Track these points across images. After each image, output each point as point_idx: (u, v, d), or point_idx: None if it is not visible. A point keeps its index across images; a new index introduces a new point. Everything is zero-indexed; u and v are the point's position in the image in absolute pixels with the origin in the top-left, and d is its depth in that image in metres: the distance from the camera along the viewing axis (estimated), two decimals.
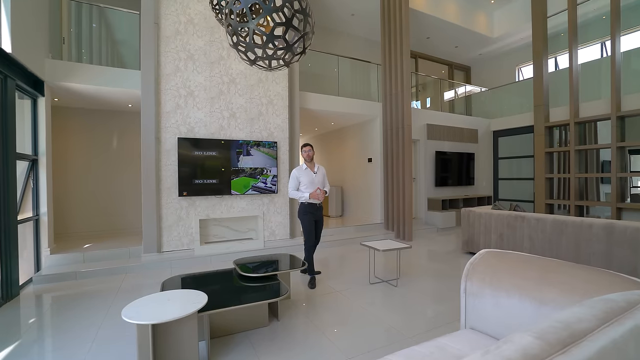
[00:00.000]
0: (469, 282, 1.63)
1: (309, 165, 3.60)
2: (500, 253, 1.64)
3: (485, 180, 8.59)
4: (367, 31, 7.99)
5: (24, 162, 3.89)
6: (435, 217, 6.99)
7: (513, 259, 1.56)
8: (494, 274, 1.53)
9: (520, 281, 1.40)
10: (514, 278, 1.43)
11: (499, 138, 8.55)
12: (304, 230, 3.55)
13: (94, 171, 5.59)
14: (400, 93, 5.99)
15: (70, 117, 5.42)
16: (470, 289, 1.62)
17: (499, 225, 4.32)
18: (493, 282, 1.51)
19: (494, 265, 1.57)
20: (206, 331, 2.00)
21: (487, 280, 1.54)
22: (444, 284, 3.58)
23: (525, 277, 1.39)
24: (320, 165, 3.71)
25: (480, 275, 1.58)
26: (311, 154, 3.58)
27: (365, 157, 7.20)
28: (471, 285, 1.62)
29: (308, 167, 3.59)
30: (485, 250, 1.69)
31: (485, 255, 1.66)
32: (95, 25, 5.20)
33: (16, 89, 3.66)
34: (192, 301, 1.85)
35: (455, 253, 4.95)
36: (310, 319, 2.70)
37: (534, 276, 1.37)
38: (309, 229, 3.52)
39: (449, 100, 9.34)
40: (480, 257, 1.66)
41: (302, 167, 3.59)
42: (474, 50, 9.53)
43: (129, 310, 1.72)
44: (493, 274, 1.53)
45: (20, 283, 3.59)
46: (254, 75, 4.99)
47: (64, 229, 5.30)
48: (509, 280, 1.45)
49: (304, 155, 3.57)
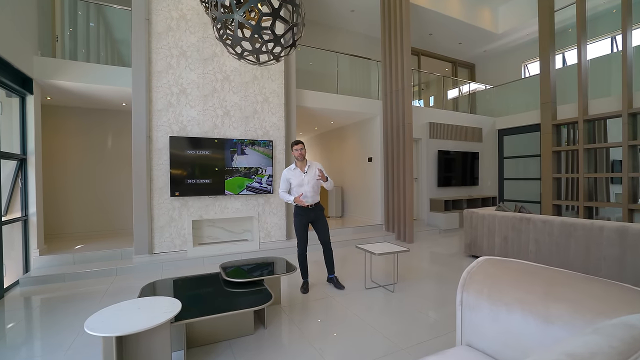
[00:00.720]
0: (465, 293, 1.46)
1: (300, 164, 3.36)
2: (500, 261, 1.47)
3: (490, 180, 8.36)
4: (367, 28, 7.81)
5: (13, 161, 3.81)
6: (437, 218, 6.79)
7: (515, 268, 1.39)
8: (494, 285, 1.36)
9: (523, 295, 1.22)
10: (516, 291, 1.26)
11: (505, 137, 8.32)
12: (295, 233, 3.38)
13: (89, 171, 5.51)
14: (401, 90, 5.80)
15: (64, 116, 5.34)
16: (467, 300, 1.45)
17: (503, 227, 4.12)
18: (492, 294, 1.34)
19: (494, 275, 1.39)
20: (183, 341, 1.85)
21: (486, 292, 1.37)
22: (444, 289, 3.40)
23: (529, 291, 1.22)
24: (314, 162, 3.41)
25: (478, 286, 1.41)
26: (303, 152, 3.33)
27: (366, 157, 7.03)
28: (468, 297, 1.45)
29: (298, 167, 3.34)
30: (484, 258, 1.52)
31: (484, 263, 1.49)
32: (93, 25, 5.11)
33: (3, 87, 3.57)
34: (164, 310, 1.71)
35: (458, 256, 4.75)
36: (299, 326, 2.54)
37: (539, 290, 1.20)
38: (299, 232, 3.33)
39: (453, 98, 9.13)
40: (478, 266, 1.49)
41: (291, 167, 3.36)
42: (478, 47, 9.30)
43: (94, 320, 1.58)
44: (492, 285, 1.36)
45: (8, 285, 3.51)
46: (248, 72, 4.85)
47: (58, 229, 5.22)
48: (511, 293, 1.28)
49: (296, 154, 3.31)
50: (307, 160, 3.39)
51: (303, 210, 3.32)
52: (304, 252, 3.38)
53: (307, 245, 3.39)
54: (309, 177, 3.30)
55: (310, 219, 3.35)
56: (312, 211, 3.34)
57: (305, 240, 3.36)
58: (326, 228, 3.40)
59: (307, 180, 3.30)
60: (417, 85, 8.59)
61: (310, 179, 3.30)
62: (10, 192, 3.80)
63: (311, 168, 3.35)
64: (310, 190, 3.29)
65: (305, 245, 3.38)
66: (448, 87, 9.34)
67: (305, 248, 3.38)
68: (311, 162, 3.39)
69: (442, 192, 7.35)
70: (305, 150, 3.35)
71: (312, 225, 3.39)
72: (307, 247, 3.39)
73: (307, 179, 3.30)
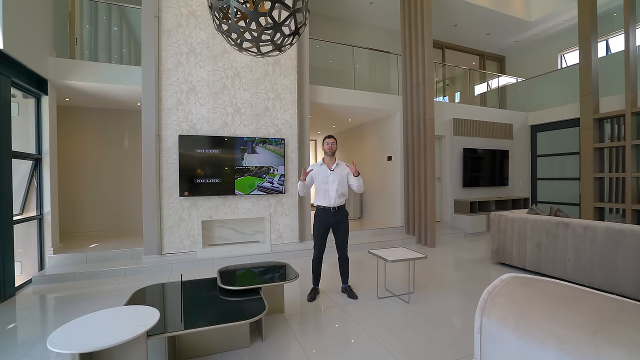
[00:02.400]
0: (485, 319, 1.18)
1: (328, 161, 3.06)
2: (531, 281, 1.17)
3: (522, 181, 7.73)
4: (387, 20, 7.45)
5: (28, 161, 3.88)
6: (462, 220, 6.33)
7: (551, 291, 1.09)
8: (522, 313, 1.06)
9: (562, 330, 0.93)
10: (552, 324, 0.96)
11: (538, 133, 7.65)
12: (313, 235, 3.15)
13: (105, 171, 5.59)
14: (422, 84, 5.44)
15: (82, 116, 5.45)
16: (488, 329, 1.16)
17: (536, 232, 3.68)
18: (520, 325, 1.05)
19: (522, 300, 1.10)
20: (165, 355, 1.69)
21: (512, 321, 1.08)
22: (466, 302, 3.06)
23: (570, 325, 0.92)
24: (342, 163, 3.11)
25: (502, 312, 1.12)
26: (334, 148, 3.03)
27: (385, 155, 6.70)
28: (489, 324, 1.16)
29: (325, 164, 3.06)
30: (510, 276, 1.22)
31: (510, 282, 1.19)
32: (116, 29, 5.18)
33: (18, 88, 3.63)
34: (140, 322, 1.55)
35: (483, 262, 4.34)
36: (300, 340, 2.32)
37: (585, 325, 0.90)
38: (316, 235, 3.07)
39: (481, 94, 8.57)
40: (502, 285, 1.20)
41: (318, 163, 3.10)
42: (508, 37, 8.65)
43: (60, 333, 1.45)
44: (520, 313, 1.07)
45: (21, 283, 3.56)
46: (260, 68, 4.70)
47: (74, 228, 5.32)
48: (544, 325, 0.98)
49: (326, 147, 3.03)
50: (336, 159, 3.12)
51: (324, 213, 3.03)
52: (318, 257, 3.13)
53: (323, 251, 3.13)
54: (335, 176, 3.02)
55: (330, 223, 3.05)
56: (334, 215, 3.03)
57: (322, 246, 3.10)
58: (345, 237, 3.11)
59: (332, 178, 3.01)
60: (442, 81, 8.13)
61: (336, 178, 3.02)
62: (26, 192, 3.88)
63: (339, 167, 3.07)
64: (334, 190, 3.01)
65: (321, 251, 3.11)
66: (475, 82, 8.79)
67: (321, 253, 3.12)
68: (340, 162, 3.11)
69: (467, 192, 6.86)
70: (336, 146, 3.07)
71: (332, 231, 3.11)
72: (323, 253, 3.13)
73: (333, 178, 3.01)
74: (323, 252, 3.11)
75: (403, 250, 3.29)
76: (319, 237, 3.06)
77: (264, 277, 2.69)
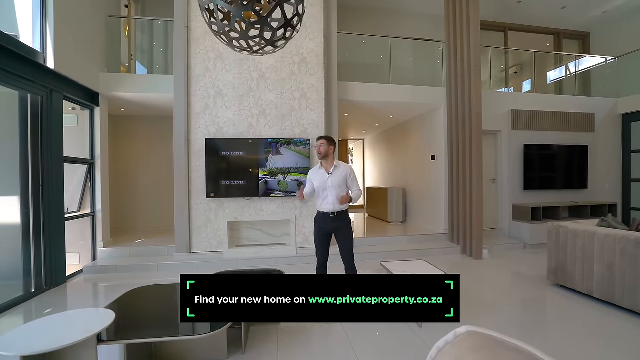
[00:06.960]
0: None
1: (325, 164, 2.89)
2: (492, 344, 0.80)
3: (608, 183, 6.32)
4: (431, 6, 6.75)
5: (84, 165, 4.42)
6: (522, 229, 5.42)
7: None
8: None
9: None
10: None
11: (632, 123, 6.17)
12: (314, 242, 2.96)
13: (151, 172, 6.06)
14: (467, 72, 4.77)
15: (134, 124, 6.03)
16: None
17: (607, 251, 2.89)
18: None
19: None
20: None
21: None
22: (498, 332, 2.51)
23: None
24: (343, 164, 2.92)
25: None
26: (322, 150, 2.83)
27: (429, 154, 6.09)
28: None
29: (323, 167, 2.89)
30: (467, 330, 0.86)
31: (463, 341, 0.84)
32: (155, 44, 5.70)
33: (73, 101, 4.14)
34: (92, 325, 1.55)
35: (539, 283, 3.60)
36: (285, 357, 2.14)
37: None
38: (317, 243, 2.89)
39: (556, 81, 7.28)
40: (452, 343, 0.85)
41: (317, 167, 2.94)
42: (593, 8, 7.12)
43: (13, 334, 1.50)
44: None
45: (73, 272, 4.06)
46: (285, 68, 4.63)
47: (126, 223, 5.88)
48: None
49: (315, 150, 2.90)
50: (335, 161, 2.90)
51: (322, 218, 2.85)
52: (321, 266, 2.91)
53: (326, 260, 2.92)
54: (333, 180, 2.81)
55: (330, 229, 2.85)
56: (333, 220, 2.83)
57: (324, 253, 2.89)
58: (349, 245, 2.84)
59: (330, 183, 2.80)
60: (505, 69, 7.11)
61: (334, 182, 2.80)
62: (82, 192, 4.43)
63: (337, 170, 2.85)
64: (333, 196, 2.80)
65: (324, 259, 2.90)
66: (549, 67, 7.50)
67: (324, 262, 2.91)
68: (339, 163, 2.89)
69: (529, 196, 5.84)
70: (326, 148, 2.83)
71: (335, 238, 2.89)
72: (326, 261, 2.92)
73: (331, 182, 2.80)
74: (326, 260, 2.89)
75: (423, 265, 2.87)
76: (319, 243, 2.86)
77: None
